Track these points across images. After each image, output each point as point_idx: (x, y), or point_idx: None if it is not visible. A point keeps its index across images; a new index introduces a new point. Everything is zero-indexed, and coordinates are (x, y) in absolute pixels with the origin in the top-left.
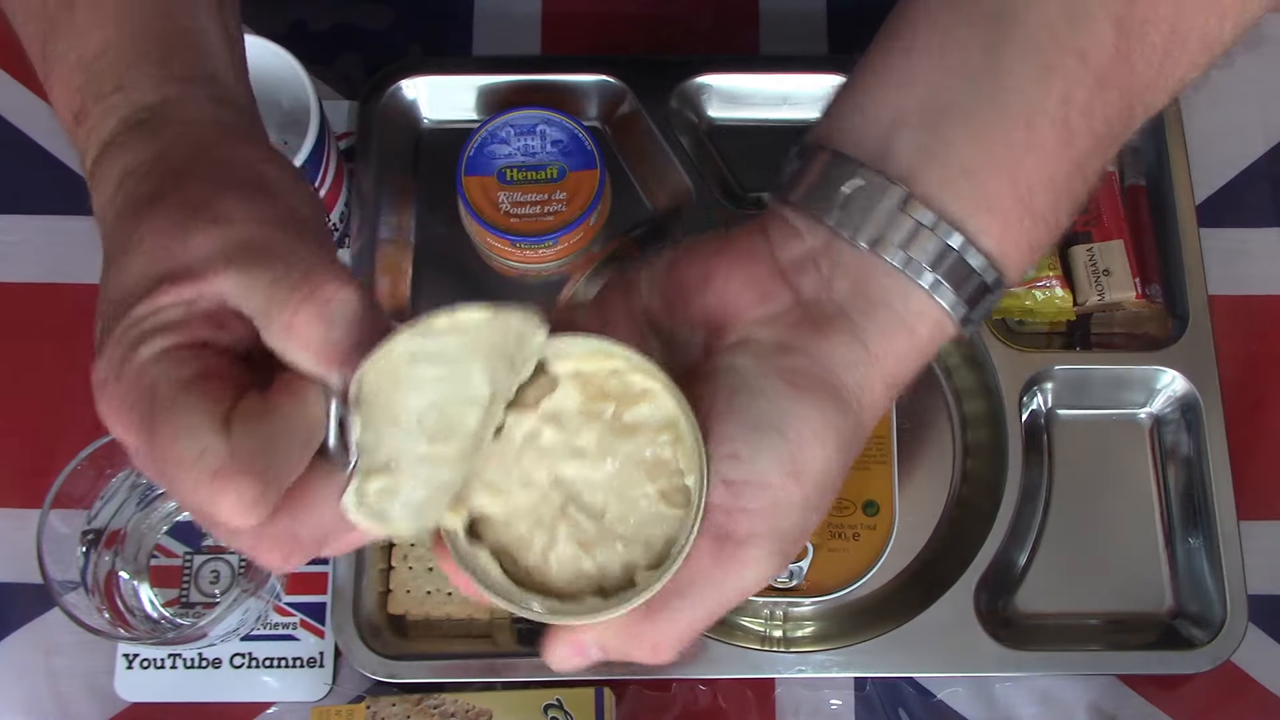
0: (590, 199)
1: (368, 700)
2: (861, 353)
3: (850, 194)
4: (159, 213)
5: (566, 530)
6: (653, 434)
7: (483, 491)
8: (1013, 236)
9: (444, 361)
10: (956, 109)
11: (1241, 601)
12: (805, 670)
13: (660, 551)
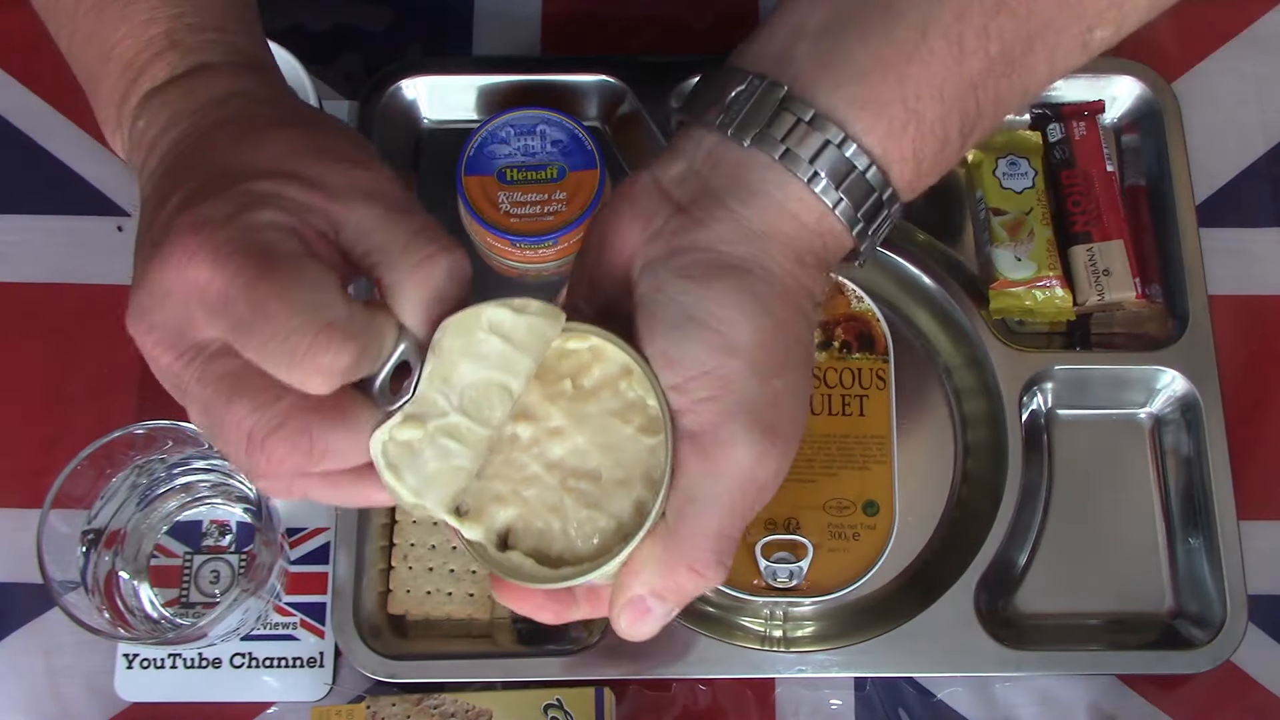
0: (590, 199)
1: (368, 700)
2: (745, 229)
3: (733, 97)
4: (288, 137)
5: (572, 502)
6: (613, 385)
7: (496, 505)
8: (896, 140)
9: (510, 342)
10: (854, 20)
11: (1241, 601)
12: (805, 670)
13: (658, 479)
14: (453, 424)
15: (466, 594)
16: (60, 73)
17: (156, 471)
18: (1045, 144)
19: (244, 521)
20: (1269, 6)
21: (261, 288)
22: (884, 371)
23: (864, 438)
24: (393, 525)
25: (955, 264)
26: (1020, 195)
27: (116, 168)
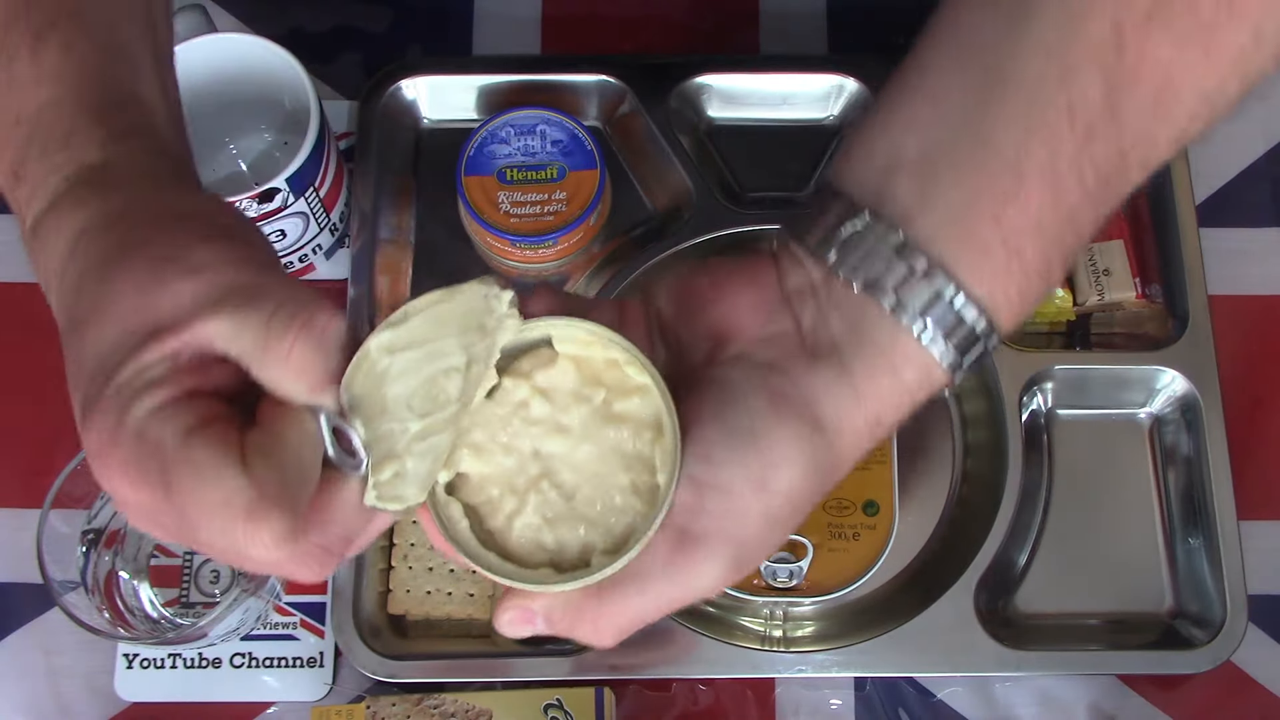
0: (590, 199)
1: (368, 700)
2: (847, 388)
3: (849, 236)
4: (129, 269)
5: (536, 501)
6: (636, 428)
7: (467, 451)
8: (1001, 284)
9: (416, 344)
10: (948, 158)
11: (1241, 601)
12: (805, 670)
13: (619, 540)
14: (416, 431)
15: (466, 594)
16: None
17: None
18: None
19: None
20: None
21: (173, 502)
22: None
23: None
24: (392, 525)
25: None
26: None
27: None
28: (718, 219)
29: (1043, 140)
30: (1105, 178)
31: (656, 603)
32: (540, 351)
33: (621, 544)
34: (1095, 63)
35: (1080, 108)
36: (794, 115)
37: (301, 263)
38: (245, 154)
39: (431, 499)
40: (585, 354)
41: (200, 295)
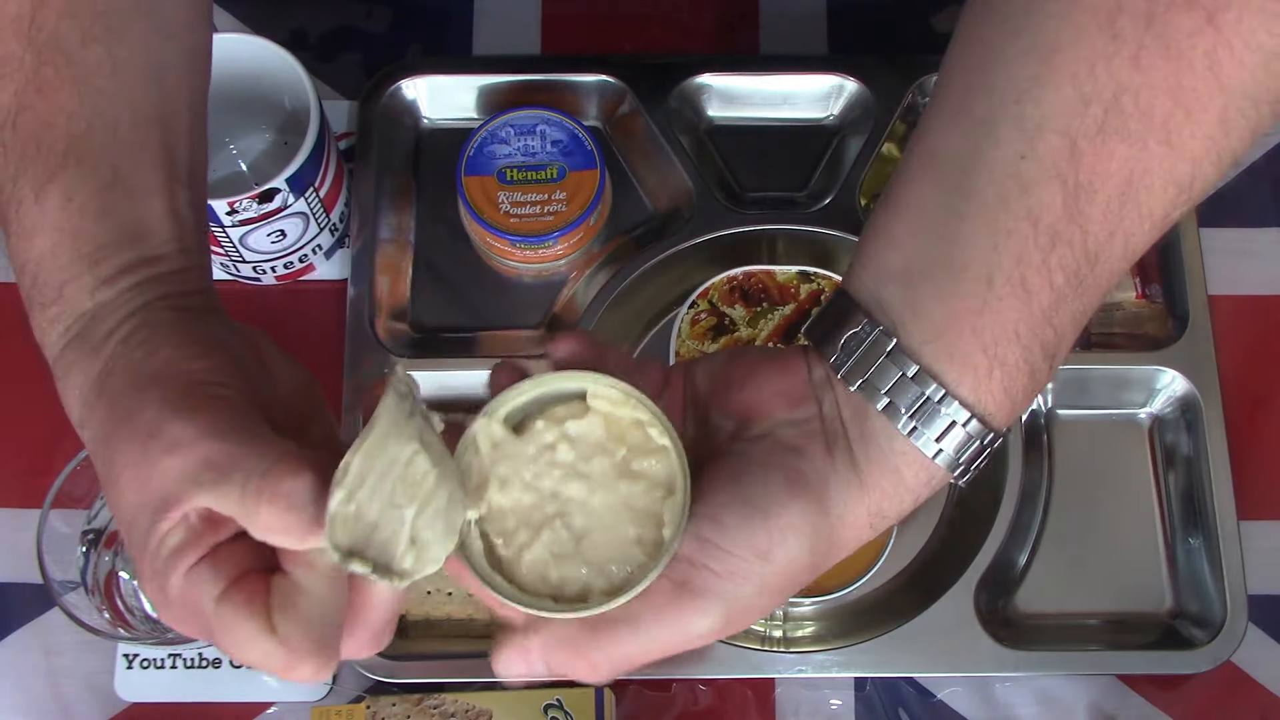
0: (590, 199)
1: (368, 700)
2: (855, 481)
3: (848, 337)
4: (123, 449)
5: (547, 538)
6: (650, 485)
7: (495, 483)
8: (986, 387)
9: (370, 475)
10: (926, 273)
11: (1241, 601)
12: (805, 670)
13: (618, 586)
14: (413, 515)
15: (466, 594)
16: None
17: None
18: None
19: None
20: None
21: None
22: None
23: None
24: None
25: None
26: None
27: None
28: (718, 219)
29: (1009, 251)
30: (1077, 277)
31: (649, 646)
32: (575, 402)
33: (620, 590)
34: (1053, 173)
35: (1043, 215)
36: (794, 115)
37: (301, 263)
38: (245, 154)
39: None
40: (615, 411)
41: (184, 472)
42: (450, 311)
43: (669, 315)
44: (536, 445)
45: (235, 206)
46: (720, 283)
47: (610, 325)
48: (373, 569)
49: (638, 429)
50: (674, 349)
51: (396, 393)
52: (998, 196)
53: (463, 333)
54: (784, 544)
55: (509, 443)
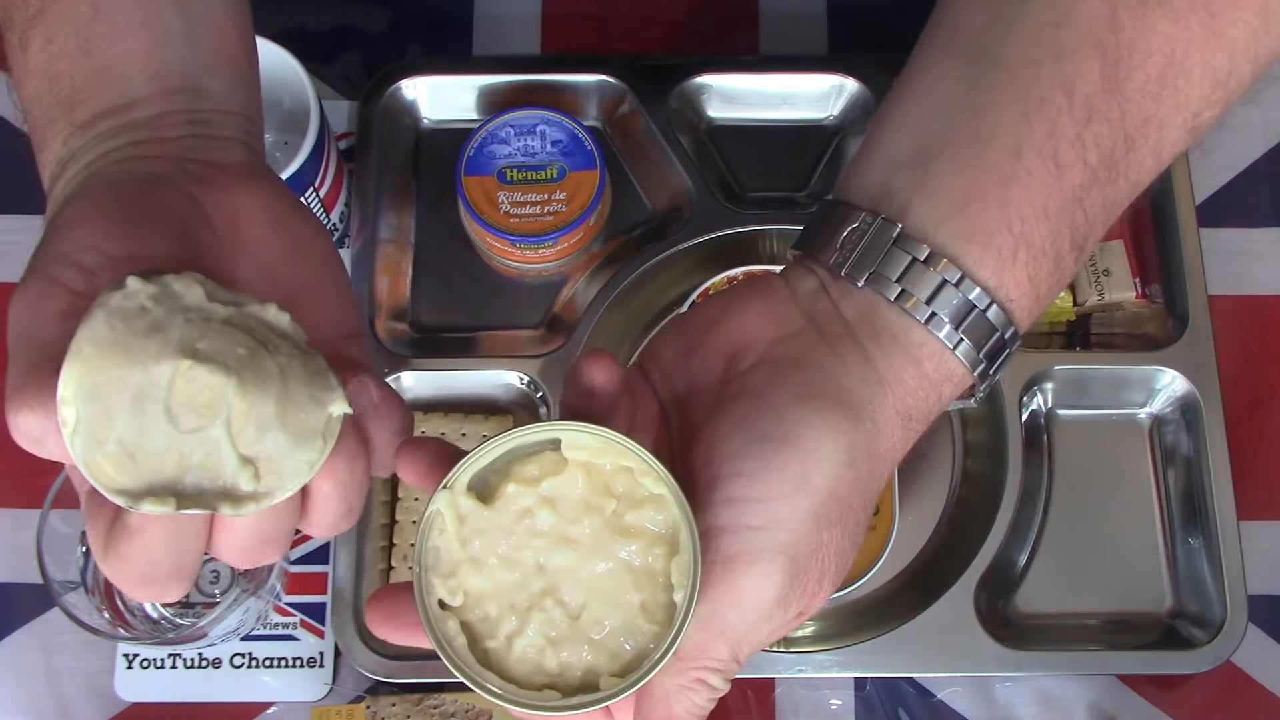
0: (590, 199)
1: (368, 700)
2: (873, 378)
3: (847, 235)
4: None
5: (539, 621)
6: (650, 542)
7: (468, 566)
8: (1009, 269)
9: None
10: (946, 147)
11: (1241, 601)
12: (805, 670)
13: (628, 664)
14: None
15: None
16: None
17: None
18: None
19: None
20: None
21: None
22: None
23: None
24: (392, 525)
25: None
26: None
27: None
28: (718, 219)
29: (1041, 120)
30: (1111, 159)
31: (740, 642)
32: (547, 456)
33: (631, 668)
34: (1091, 41)
35: (1078, 85)
36: (794, 115)
37: None
38: None
39: (424, 614)
40: (596, 461)
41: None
42: (450, 311)
43: (669, 315)
44: (511, 513)
45: None
46: (720, 283)
47: (610, 325)
48: (194, 502)
49: (625, 475)
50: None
51: (106, 310)
52: (1029, 64)
53: (463, 333)
54: (819, 465)
55: (477, 515)
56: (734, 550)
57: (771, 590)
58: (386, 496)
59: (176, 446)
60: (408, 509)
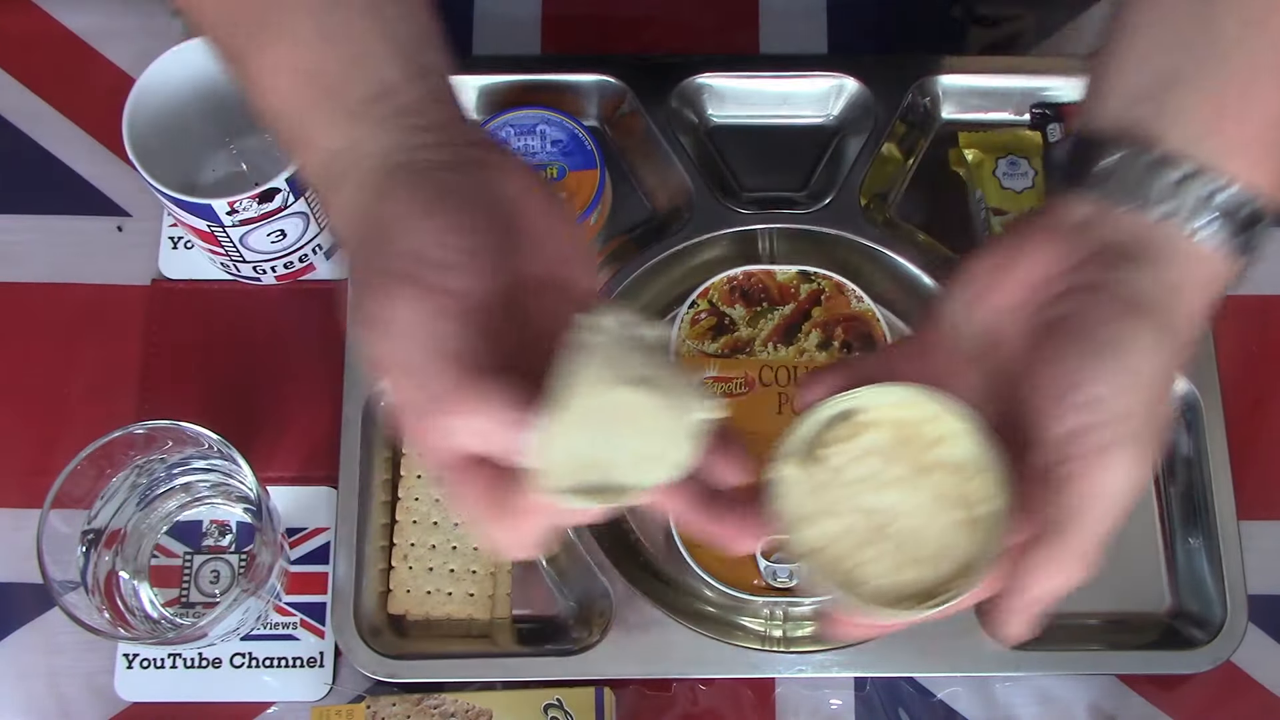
0: (590, 199)
1: (368, 700)
2: (1162, 280)
3: (1101, 169)
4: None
5: (876, 552)
6: (954, 470)
7: (809, 521)
8: (1261, 170)
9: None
10: (1185, 74)
11: (1241, 601)
12: (805, 670)
13: (961, 571)
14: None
15: (466, 594)
16: (60, 72)
17: (156, 471)
18: (1045, 144)
19: (244, 521)
20: None
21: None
22: None
23: None
24: (392, 525)
25: (955, 264)
26: (1020, 195)
27: (117, 168)
28: (718, 219)
29: (1268, 37)
30: None
31: (1105, 520)
32: (853, 420)
33: (964, 574)
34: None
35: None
36: (794, 115)
37: (301, 263)
38: (245, 154)
39: (818, 573)
40: (898, 415)
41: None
42: None
43: (669, 315)
44: (829, 472)
45: (235, 206)
46: (720, 283)
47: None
48: (604, 496)
49: (927, 422)
50: (674, 349)
51: (587, 348)
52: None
53: None
54: (1147, 364)
55: (808, 476)
56: (1084, 450)
57: (1126, 473)
58: (386, 497)
59: (601, 453)
60: (408, 509)
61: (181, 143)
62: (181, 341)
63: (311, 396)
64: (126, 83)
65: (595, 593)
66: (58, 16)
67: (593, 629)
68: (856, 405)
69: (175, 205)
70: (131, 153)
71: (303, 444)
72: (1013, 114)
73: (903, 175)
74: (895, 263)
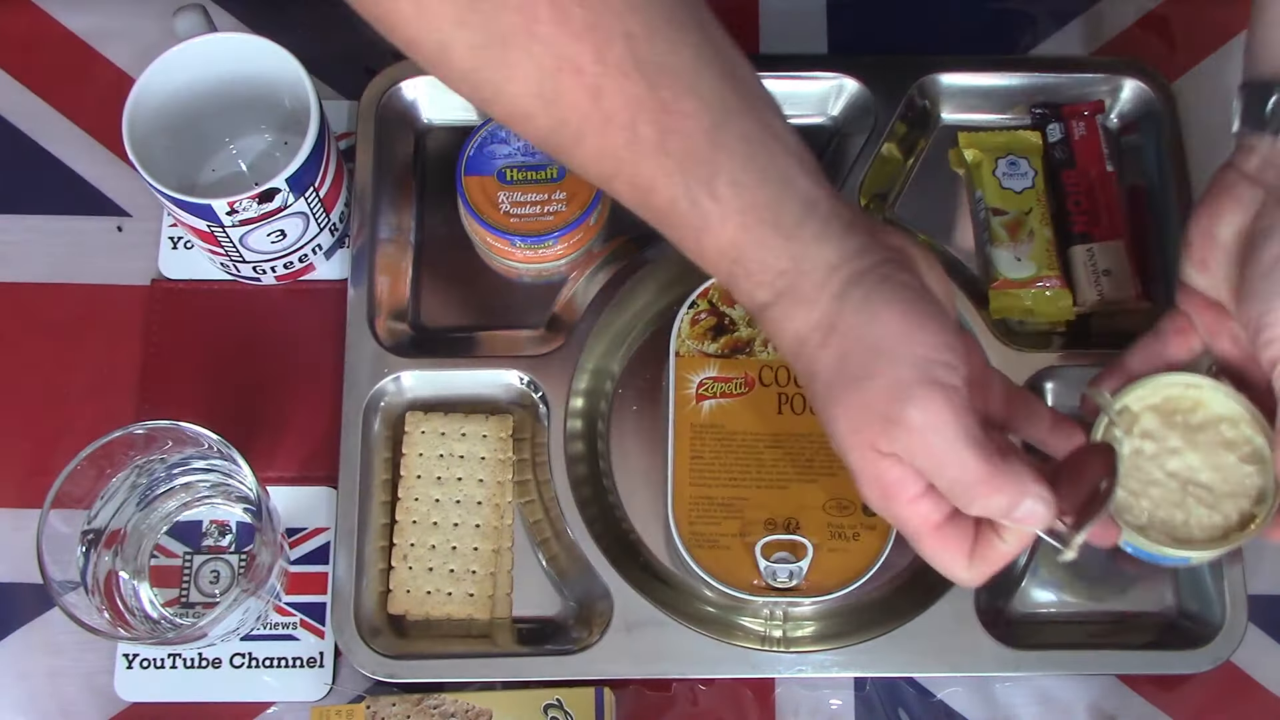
0: (590, 199)
1: (368, 700)
2: None
3: (1273, 107)
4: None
5: (1193, 502)
6: (1215, 425)
7: (1131, 499)
8: None
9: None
10: None
11: (1241, 601)
12: (805, 670)
13: (1260, 493)
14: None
15: (466, 594)
16: (60, 72)
17: (156, 471)
18: (1045, 144)
19: (244, 521)
20: None
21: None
22: None
23: None
24: (392, 525)
25: (955, 264)
26: (1020, 195)
27: (117, 168)
28: None
29: None
30: None
31: None
32: (1125, 414)
33: (1261, 496)
34: None
35: None
36: (794, 115)
37: (301, 263)
38: (245, 154)
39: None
40: (1156, 400)
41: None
42: (450, 311)
43: (669, 315)
44: (1134, 454)
45: (235, 206)
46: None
47: (610, 325)
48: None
49: (1182, 397)
50: (674, 349)
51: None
52: None
53: (463, 333)
54: None
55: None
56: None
57: None
58: (386, 497)
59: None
60: (407, 509)
61: (181, 143)
62: (181, 341)
63: (311, 396)
64: (126, 83)
65: (595, 593)
66: (58, 16)
67: (593, 629)
68: (1127, 403)
69: (175, 205)
70: (131, 153)
71: (303, 444)
72: (1013, 114)
73: (903, 175)
74: None
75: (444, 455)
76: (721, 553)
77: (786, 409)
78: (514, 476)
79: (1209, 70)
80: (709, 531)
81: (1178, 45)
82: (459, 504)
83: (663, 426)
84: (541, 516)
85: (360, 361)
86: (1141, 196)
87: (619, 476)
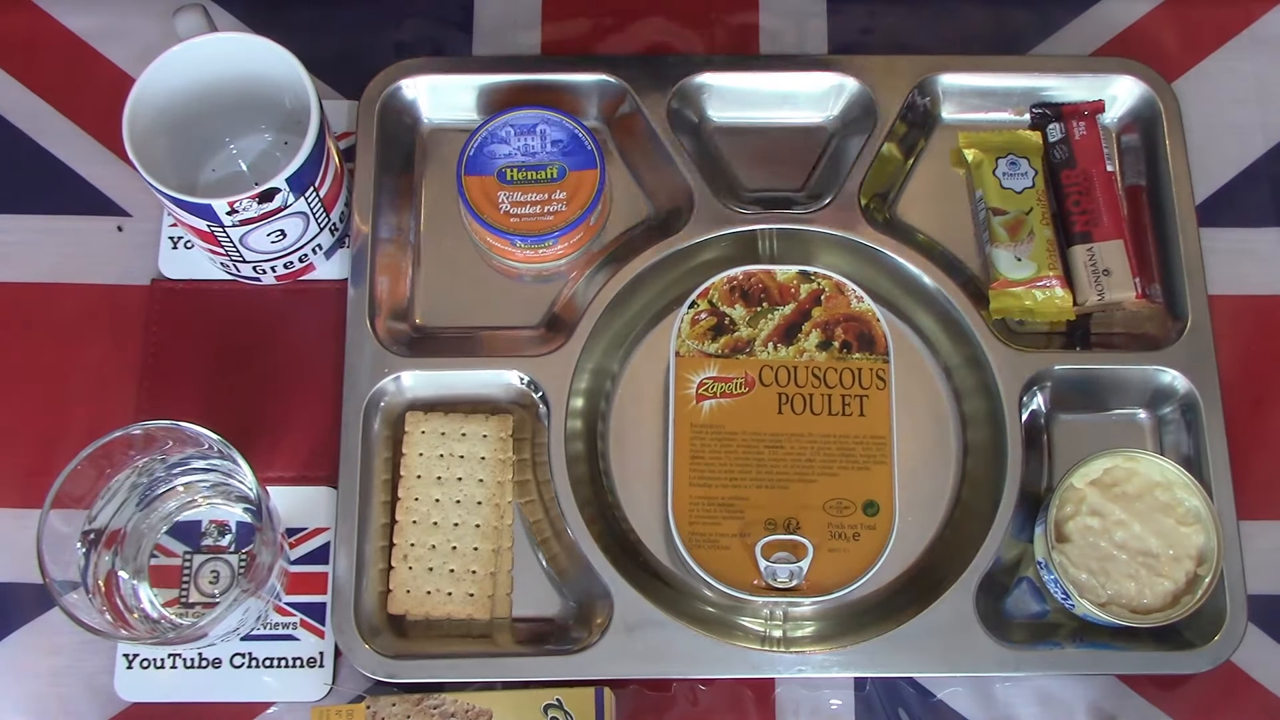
0: (590, 199)
1: (368, 700)
2: None
3: None
4: None
5: (1145, 571)
6: (1152, 489)
7: (1090, 582)
8: None
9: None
10: None
11: (1241, 601)
12: (805, 670)
13: (1200, 554)
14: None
15: (466, 594)
16: (60, 72)
17: (156, 471)
18: (1045, 144)
19: (244, 521)
20: (1269, 6)
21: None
22: (884, 371)
23: (864, 438)
24: (392, 525)
25: (955, 264)
26: (1020, 195)
27: (117, 168)
28: (718, 219)
29: None
30: None
31: None
32: (1070, 491)
33: (1203, 557)
34: None
35: None
36: (794, 115)
37: (301, 263)
38: (245, 154)
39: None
40: (1095, 474)
41: None
42: (450, 311)
43: (669, 315)
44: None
45: (235, 206)
46: (720, 283)
47: (610, 325)
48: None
49: (1119, 469)
50: (674, 349)
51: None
52: None
53: (463, 332)
54: None
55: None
56: None
57: None
58: (386, 497)
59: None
60: (407, 509)
61: (181, 143)
62: (181, 341)
63: (311, 396)
64: (126, 83)
65: (595, 593)
66: (58, 16)
67: (593, 629)
68: (1072, 481)
69: (175, 205)
70: (131, 153)
71: (303, 444)
72: (1013, 114)
73: (903, 175)
74: (895, 263)
75: (444, 455)
76: (721, 553)
77: (786, 409)
78: (514, 476)
79: (1209, 70)
80: (709, 531)
81: (1178, 45)
82: (459, 504)
83: (663, 426)
84: (541, 516)
85: (360, 361)
86: (1141, 196)
87: (619, 476)
